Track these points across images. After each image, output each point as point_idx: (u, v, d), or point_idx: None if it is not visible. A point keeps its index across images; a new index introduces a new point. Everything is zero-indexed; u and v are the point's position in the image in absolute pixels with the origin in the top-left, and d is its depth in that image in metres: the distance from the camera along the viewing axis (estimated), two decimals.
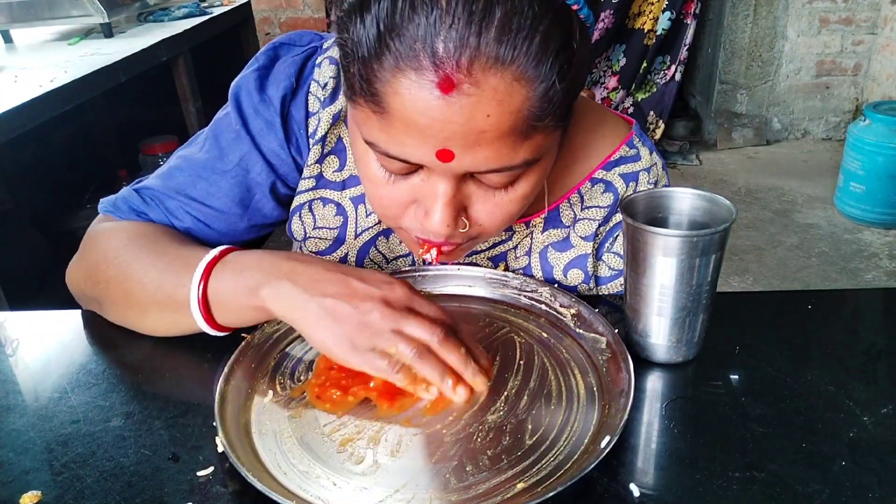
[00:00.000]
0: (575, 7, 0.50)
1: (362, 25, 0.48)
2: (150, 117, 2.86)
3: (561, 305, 0.70)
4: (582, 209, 0.75)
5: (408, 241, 0.65)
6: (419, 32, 0.46)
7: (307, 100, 0.73)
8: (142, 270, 0.67)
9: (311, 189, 0.76)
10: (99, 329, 0.72)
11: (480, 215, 0.59)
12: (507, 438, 0.55)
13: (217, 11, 2.80)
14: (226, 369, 0.60)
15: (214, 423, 0.55)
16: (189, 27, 2.52)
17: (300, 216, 0.78)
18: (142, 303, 0.67)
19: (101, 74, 1.99)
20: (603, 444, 0.51)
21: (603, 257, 0.77)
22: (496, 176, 0.55)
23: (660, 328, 0.62)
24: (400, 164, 0.55)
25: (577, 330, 0.67)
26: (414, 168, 0.56)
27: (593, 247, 0.76)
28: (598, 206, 0.75)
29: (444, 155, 0.52)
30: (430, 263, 0.78)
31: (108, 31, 2.41)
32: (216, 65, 2.70)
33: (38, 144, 2.29)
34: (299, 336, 0.68)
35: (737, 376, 0.62)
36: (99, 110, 2.72)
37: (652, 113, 3.44)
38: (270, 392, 0.61)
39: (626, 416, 0.53)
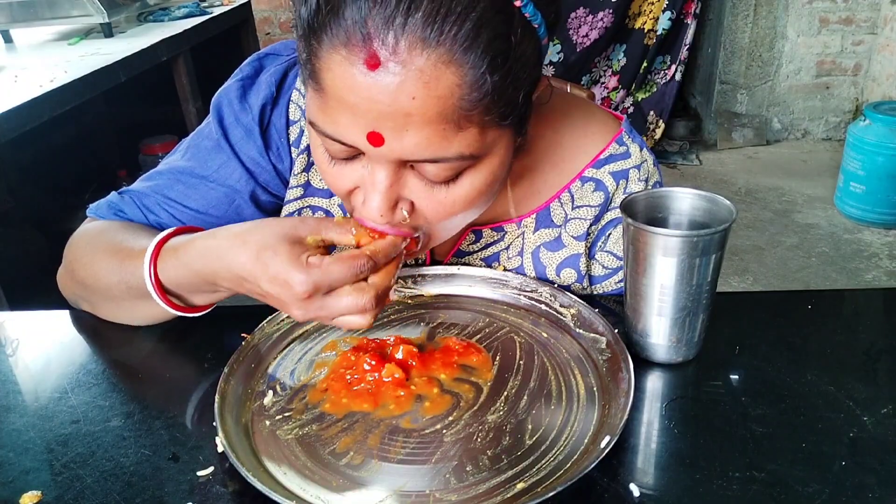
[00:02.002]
0: (518, 4, 0.50)
1: (304, 5, 0.51)
2: (150, 117, 2.86)
3: (561, 305, 0.70)
4: (573, 208, 0.75)
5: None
6: (352, 11, 0.48)
7: (288, 108, 0.75)
8: (104, 270, 0.68)
9: (300, 198, 0.77)
10: (99, 329, 0.73)
11: (425, 210, 0.59)
12: (507, 438, 0.55)
13: (217, 11, 2.80)
14: (226, 369, 0.60)
15: (214, 423, 0.55)
16: (189, 27, 2.52)
17: None
18: (118, 298, 0.69)
19: (101, 74, 1.99)
20: (603, 444, 0.51)
21: (596, 256, 0.77)
22: (433, 167, 0.55)
23: (660, 328, 0.62)
24: (339, 147, 0.55)
25: (577, 330, 0.67)
26: (354, 152, 0.56)
27: (585, 246, 0.76)
28: (589, 206, 0.75)
29: (374, 138, 0.52)
30: (424, 263, 0.79)
31: (108, 31, 2.41)
32: (216, 65, 2.70)
33: (38, 144, 2.29)
34: (299, 336, 0.68)
35: (737, 376, 0.62)
36: (99, 110, 2.72)
37: (652, 113, 3.44)
38: (270, 392, 0.61)
39: (626, 416, 0.53)
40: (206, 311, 0.67)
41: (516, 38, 0.50)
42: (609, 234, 0.77)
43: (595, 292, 0.79)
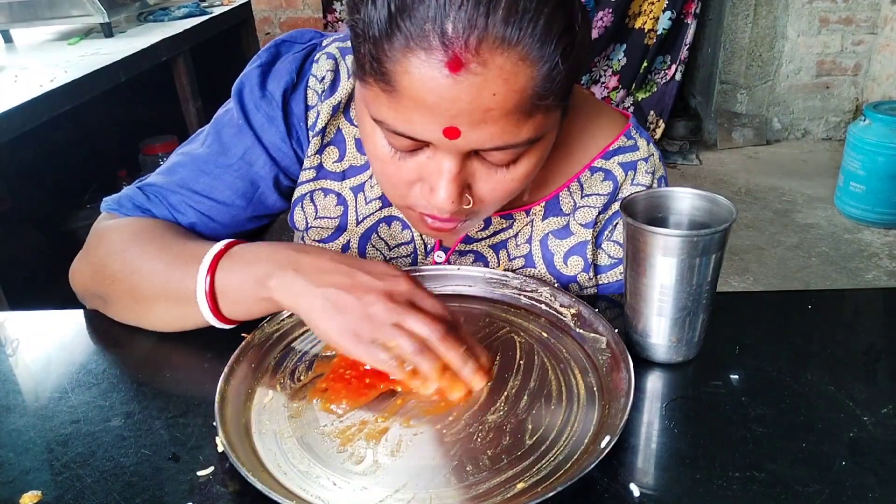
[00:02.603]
0: None
1: (373, 6, 0.50)
2: (150, 117, 2.86)
3: (561, 305, 0.70)
4: (582, 197, 0.77)
5: (413, 220, 0.66)
6: (429, 13, 0.48)
7: (306, 94, 0.75)
8: (149, 264, 0.68)
9: (312, 180, 0.78)
10: (100, 328, 0.73)
11: (483, 192, 0.61)
12: (507, 438, 0.55)
13: (217, 11, 2.80)
14: (226, 369, 0.60)
15: (214, 423, 0.55)
16: (189, 27, 2.52)
17: (302, 207, 0.79)
18: (149, 297, 0.68)
19: (101, 74, 1.99)
20: (603, 444, 0.51)
21: (602, 245, 0.78)
22: (500, 154, 0.57)
23: (660, 328, 0.62)
24: (407, 142, 0.57)
25: (578, 330, 0.67)
26: (420, 145, 0.57)
27: (593, 234, 0.77)
28: (598, 194, 0.76)
29: (451, 132, 0.53)
30: (430, 254, 0.79)
31: (108, 31, 2.41)
32: (216, 65, 2.71)
33: (38, 144, 2.29)
34: (299, 336, 0.68)
35: (737, 376, 0.62)
36: (99, 110, 2.72)
37: (652, 113, 3.44)
38: (270, 391, 0.61)
39: (626, 416, 0.53)
40: (231, 325, 0.67)
41: (578, 25, 0.53)
42: (616, 224, 0.78)
43: (600, 282, 0.80)
